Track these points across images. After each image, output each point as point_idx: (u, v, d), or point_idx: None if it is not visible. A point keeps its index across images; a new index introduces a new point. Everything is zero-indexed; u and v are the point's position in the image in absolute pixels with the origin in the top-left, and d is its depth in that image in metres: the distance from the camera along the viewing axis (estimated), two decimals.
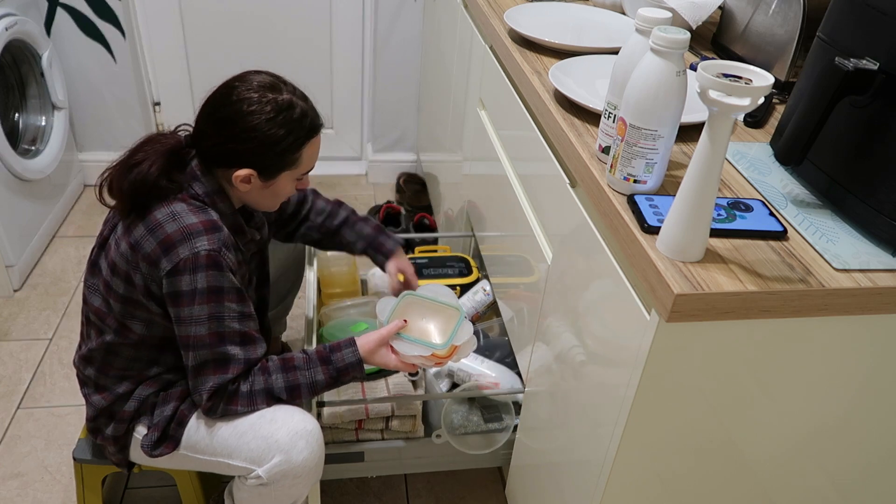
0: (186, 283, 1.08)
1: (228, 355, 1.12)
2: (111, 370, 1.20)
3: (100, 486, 1.42)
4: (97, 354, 1.20)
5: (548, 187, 1.13)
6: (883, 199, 0.79)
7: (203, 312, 1.09)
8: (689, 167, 0.72)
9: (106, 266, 1.15)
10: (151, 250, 1.08)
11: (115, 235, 1.15)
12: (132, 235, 1.10)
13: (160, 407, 1.21)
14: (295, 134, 1.12)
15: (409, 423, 1.37)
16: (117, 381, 1.21)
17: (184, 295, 1.08)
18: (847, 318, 0.78)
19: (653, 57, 0.78)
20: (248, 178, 1.12)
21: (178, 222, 1.08)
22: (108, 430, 1.23)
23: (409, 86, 2.63)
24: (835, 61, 0.79)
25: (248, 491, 1.19)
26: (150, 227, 1.09)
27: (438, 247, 1.90)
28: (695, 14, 1.29)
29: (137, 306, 1.14)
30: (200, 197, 1.13)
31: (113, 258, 1.13)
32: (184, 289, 1.08)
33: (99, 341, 1.19)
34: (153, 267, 1.09)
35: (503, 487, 1.61)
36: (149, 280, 1.10)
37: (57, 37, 2.35)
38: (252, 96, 1.09)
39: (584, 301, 0.98)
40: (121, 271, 1.12)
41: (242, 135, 1.09)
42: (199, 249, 1.07)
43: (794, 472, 0.95)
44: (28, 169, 2.11)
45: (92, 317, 1.20)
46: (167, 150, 1.12)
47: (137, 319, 1.16)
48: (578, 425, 1.02)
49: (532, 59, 1.25)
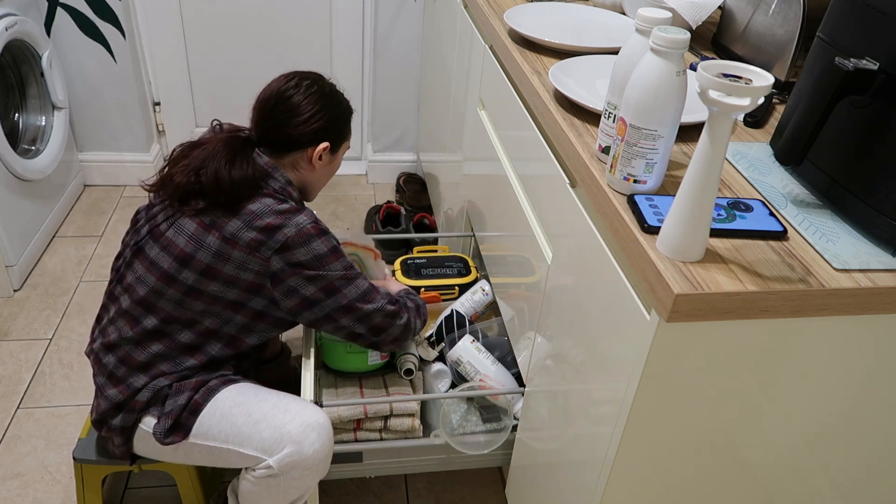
0: (303, 253, 1.19)
1: (370, 281, 1.29)
2: (135, 362, 1.22)
3: (100, 486, 1.42)
4: (125, 344, 1.23)
5: (548, 187, 1.13)
6: (883, 199, 0.79)
7: (338, 268, 1.23)
8: (689, 167, 0.72)
9: (171, 260, 1.19)
10: (252, 238, 1.17)
11: (182, 231, 1.20)
12: (224, 230, 1.18)
13: (173, 397, 1.22)
14: (347, 109, 1.38)
15: (408, 422, 1.37)
16: (137, 373, 1.23)
17: (305, 263, 1.19)
18: (847, 318, 0.78)
19: (653, 57, 0.78)
20: (321, 154, 1.31)
21: (273, 211, 1.19)
22: (116, 421, 1.24)
23: (409, 86, 2.63)
24: (835, 61, 0.79)
25: (255, 483, 1.20)
26: (248, 220, 1.18)
27: (437, 247, 1.90)
28: (695, 14, 1.30)
29: (200, 295, 1.20)
30: (279, 191, 1.25)
31: (187, 251, 1.19)
32: (303, 259, 1.19)
33: (136, 329, 1.22)
34: (253, 253, 1.17)
35: (503, 487, 1.61)
36: (242, 269, 1.18)
37: (57, 37, 2.35)
38: (309, 84, 1.30)
39: (584, 301, 0.98)
40: (198, 264, 1.18)
41: (315, 115, 1.28)
42: (303, 224, 1.20)
43: (795, 472, 0.95)
44: (28, 169, 2.11)
45: (129, 304, 1.23)
46: (244, 145, 1.25)
47: (190, 310, 1.21)
48: (578, 425, 1.02)
49: (532, 59, 1.25)
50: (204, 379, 1.24)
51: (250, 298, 1.22)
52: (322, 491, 1.59)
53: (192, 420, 1.21)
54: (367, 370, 1.43)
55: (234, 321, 1.24)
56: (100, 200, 2.57)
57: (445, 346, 1.51)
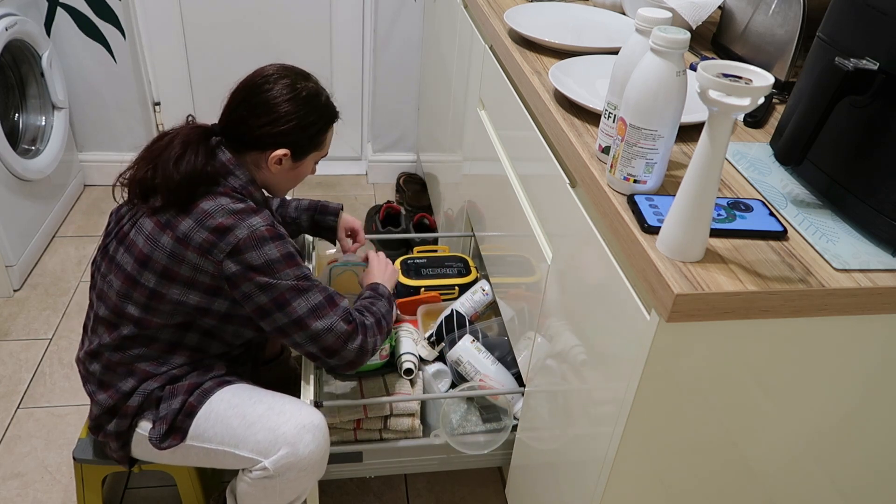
0: (256, 257, 1.13)
1: (329, 292, 1.20)
2: (119, 367, 1.21)
3: (100, 486, 1.42)
4: (105, 350, 1.21)
5: (548, 187, 1.13)
6: (883, 199, 0.79)
7: (290, 276, 1.15)
8: (689, 167, 0.72)
9: (132, 261, 1.16)
10: (204, 239, 1.12)
11: (141, 231, 1.16)
12: (177, 230, 1.13)
13: (167, 401, 1.21)
14: (324, 118, 1.25)
15: (408, 422, 1.37)
16: (123, 377, 1.22)
17: (258, 268, 1.13)
18: (847, 318, 0.78)
19: (653, 57, 0.78)
20: (280, 160, 1.21)
21: (227, 210, 1.14)
22: (111, 427, 1.23)
23: (409, 86, 2.63)
24: (835, 61, 0.79)
25: (252, 485, 1.19)
26: (199, 218, 1.13)
27: (437, 247, 1.90)
28: (695, 14, 1.29)
29: (165, 298, 1.16)
30: (238, 190, 1.19)
31: (146, 253, 1.15)
32: (255, 263, 1.13)
33: (113, 336, 1.20)
34: (206, 254, 1.12)
35: (503, 487, 1.61)
36: (199, 269, 1.14)
37: (57, 37, 2.35)
38: (287, 83, 1.21)
39: (583, 301, 0.98)
40: (156, 265, 1.15)
41: (283, 117, 1.19)
42: (256, 227, 1.14)
43: (795, 472, 0.95)
44: (28, 169, 2.11)
45: (104, 311, 1.21)
46: (201, 139, 1.19)
47: (159, 312, 1.18)
48: (578, 425, 1.02)
49: (532, 59, 1.25)
50: (197, 381, 1.23)
51: (213, 301, 1.18)
52: (322, 491, 1.59)
53: (187, 423, 1.21)
54: (367, 370, 1.43)
55: (202, 323, 1.21)
56: (100, 200, 2.57)
57: (445, 346, 1.51)
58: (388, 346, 1.45)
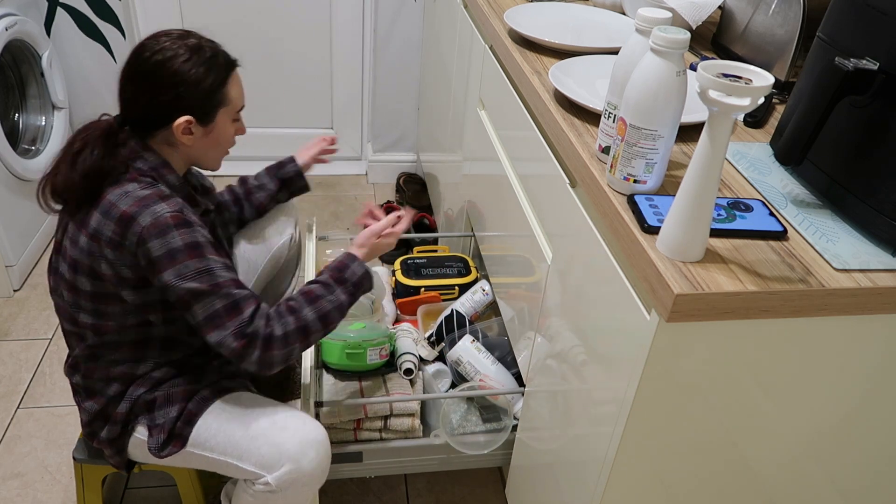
0: (158, 247, 1.06)
1: (234, 296, 1.09)
2: (96, 373, 1.21)
3: (100, 486, 1.42)
4: (81, 361, 1.22)
5: (548, 187, 1.13)
6: (883, 199, 0.79)
7: (190, 269, 1.07)
8: (689, 167, 0.72)
9: (67, 268, 1.14)
10: (112, 232, 1.07)
11: (67, 235, 1.14)
12: (89, 226, 1.09)
13: (164, 408, 1.20)
14: (215, 72, 1.15)
15: (408, 422, 1.37)
16: (105, 383, 1.21)
17: (162, 259, 1.06)
18: (847, 318, 0.78)
19: (653, 57, 0.78)
20: (188, 128, 1.14)
21: (132, 197, 1.08)
22: (104, 434, 1.23)
23: (409, 86, 2.63)
24: (835, 61, 0.79)
25: (254, 497, 1.19)
26: (105, 210, 1.08)
27: (437, 247, 1.90)
28: (695, 14, 1.29)
29: (108, 300, 1.14)
30: (147, 173, 1.13)
31: (73, 257, 1.12)
32: (157, 253, 1.06)
33: (81, 347, 1.20)
34: (118, 248, 1.08)
35: (503, 487, 1.61)
36: (118, 266, 1.09)
37: (57, 37, 2.35)
38: (165, 45, 1.13)
39: (584, 301, 0.98)
40: (83, 267, 1.11)
41: (168, 81, 1.12)
42: (160, 213, 1.07)
43: (795, 472, 0.95)
44: (28, 169, 2.11)
45: (67, 325, 1.21)
46: (102, 133, 1.13)
47: (111, 315, 1.15)
48: (578, 425, 1.02)
49: (532, 59, 1.25)
50: (194, 388, 1.22)
51: (147, 294, 1.13)
52: (322, 491, 1.59)
53: (187, 430, 1.20)
54: (367, 370, 1.43)
55: (155, 318, 1.17)
56: None
57: (445, 346, 1.51)
58: (389, 346, 1.45)
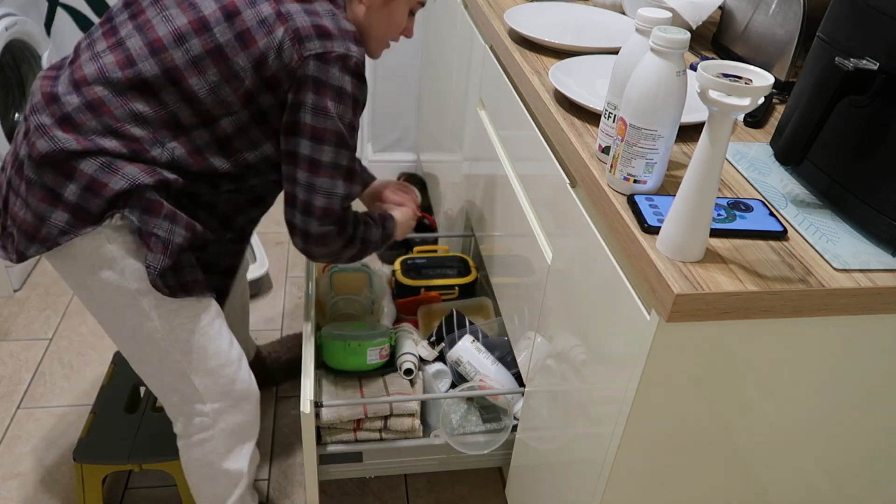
0: (334, 76, 1.05)
1: (356, 172, 1.14)
2: (108, 112, 1.03)
3: (100, 486, 1.42)
4: (106, 86, 1.03)
5: (548, 187, 1.13)
6: (883, 199, 0.79)
7: (346, 118, 1.08)
8: (689, 167, 0.72)
9: (215, 5, 1.03)
10: (303, 26, 1.03)
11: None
12: (283, 4, 1.04)
13: (167, 222, 1.06)
14: None
15: (408, 422, 1.37)
16: (108, 131, 1.03)
17: (329, 87, 1.05)
18: (847, 318, 0.78)
19: (653, 57, 0.78)
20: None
21: (336, 21, 1.06)
22: (69, 194, 1.02)
23: (409, 86, 2.63)
24: (835, 61, 0.79)
25: (199, 449, 1.27)
26: (308, 9, 1.05)
27: (437, 247, 1.90)
28: (695, 14, 1.29)
29: (222, 62, 1.03)
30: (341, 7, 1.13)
31: (237, 4, 1.03)
32: (331, 81, 1.05)
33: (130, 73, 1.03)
34: (296, 42, 1.03)
35: (503, 487, 1.61)
36: (276, 52, 1.03)
37: (57, 37, 2.35)
38: None
39: (584, 301, 0.98)
40: (239, 23, 1.02)
41: None
42: (352, 53, 1.06)
43: (794, 472, 0.95)
44: None
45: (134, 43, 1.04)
46: None
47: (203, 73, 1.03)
48: (578, 425, 1.02)
49: (532, 59, 1.25)
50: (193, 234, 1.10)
51: (262, 92, 1.06)
52: (322, 491, 1.59)
53: (179, 289, 1.09)
54: (367, 370, 1.43)
55: (232, 114, 1.07)
56: None
57: (445, 345, 1.51)
58: (389, 346, 1.45)
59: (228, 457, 1.30)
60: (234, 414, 1.26)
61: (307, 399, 1.26)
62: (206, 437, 1.26)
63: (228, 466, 1.30)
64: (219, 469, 1.30)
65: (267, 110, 1.08)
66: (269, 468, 1.66)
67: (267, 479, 1.63)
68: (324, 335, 1.44)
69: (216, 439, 1.27)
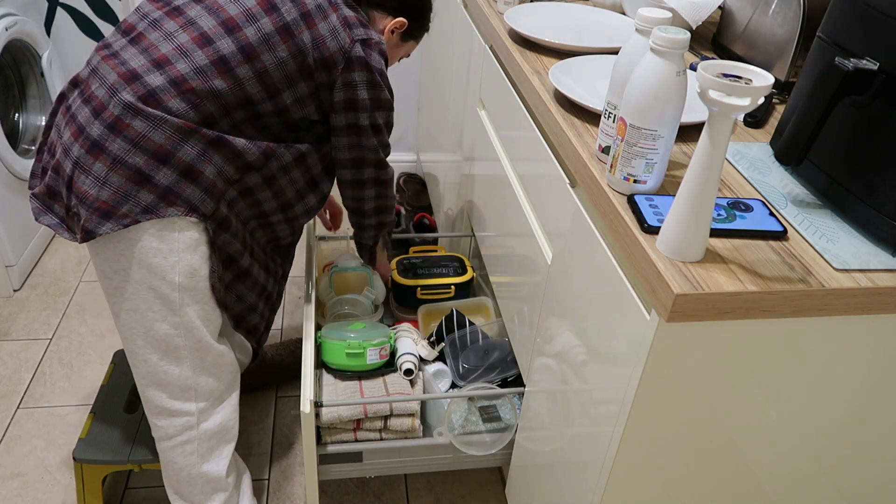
0: (376, 59, 1.20)
1: (379, 129, 1.27)
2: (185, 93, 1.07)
3: (100, 486, 1.42)
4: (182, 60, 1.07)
5: (548, 187, 1.13)
6: (883, 199, 0.79)
7: (385, 83, 1.23)
8: (689, 167, 0.72)
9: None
10: (350, 15, 1.18)
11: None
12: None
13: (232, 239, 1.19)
14: (430, 15, 1.40)
15: (408, 422, 1.37)
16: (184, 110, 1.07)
17: (374, 68, 1.19)
18: (847, 318, 0.78)
19: (653, 57, 0.78)
20: (395, 30, 1.33)
21: (368, 29, 1.21)
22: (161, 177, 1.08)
23: (409, 86, 2.63)
24: (835, 61, 0.79)
25: (174, 448, 1.28)
26: (349, 4, 1.20)
27: (434, 247, 1.90)
28: (695, 14, 1.29)
29: (288, 38, 1.12)
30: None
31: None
32: (373, 63, 1.19)
33: (210, 52, 1.08)
34: (346, 26, 1.17)
35: (503, 487, 1.61)
36: (331, 34, 1.15)
37: (57, 37, 2.35)
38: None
39: (584, 301, 0.98)
40: (302, 5, 1.13)
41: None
42: (383, 44, 1.22)
43: (794, 472, 0.95)
44: (28, 169, 2.11)
45: (209, 23, 1.09)
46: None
47: (273, 54, 1.11)
48: (578, 425, 1.02)
49: (532, 59, 1.25)
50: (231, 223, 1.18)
51: (315, 72, 1.16)
52: (322, 491, 1.59)
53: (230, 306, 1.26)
54: (367, 370, 1.43)
55: (289, 86, 1.14)
56: None
57: (445, 345, 1.51)
58: (389, 346, 1.45)
59: (209, 458, 1.31)
60: (217, 414, 1.29)
61: (307, 399, 1.26)
62: (189, 437, 1.27)
63: (208, 469, 1.30)
64: (198, 472, 1.30)
65: (317, 89, 1.19)
66: (269, 468, 1.65)
67: (267, 479, 1.63)
68: (324, 335, 1.44)
69: (198, 440, 1.28)
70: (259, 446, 1.70)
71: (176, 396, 1.23)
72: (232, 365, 1.30)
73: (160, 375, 1.21)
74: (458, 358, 1.48)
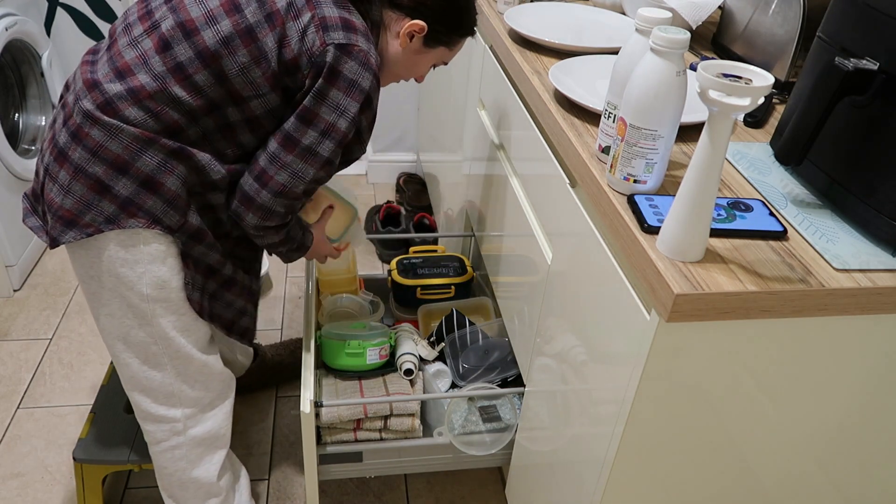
0: (351, 69, 1.03)
1: (327, 173, 1.11)
2: (142, 101, 1.03)
3: (100, 486, 1.42)
4: (133, 82, 1.02)
5: (548, 187, 1.13)
6: (883, 199, 0.79)
7: (342, 103, 1.04)
8: (689, 167, 0.72)
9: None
10: (330, 16, 1.03)
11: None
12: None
13: (208, 250, 1.13)
14: (469, 17, 1.19)
15: (408, 422, 1.37)
16: (143, 119, 1.03)
17: (343, 78, 1.03)
18: (847, 318, 0.78)
19: (653, 57, 0.78)
20: (412, 34, 1.14)
21: (359, 20, 1.07)
22: (121, 187, 1.04)
23: (409, 86, 2.64)
24: (835, 61, 0.79)
25: (168, 455, 1.27)
26: (341, 3, 1.06)
27: (434, 247, 1.90)
28: (695, 14, 1.30)
29: (251, 42, 1.02)
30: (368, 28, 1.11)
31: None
32: (346, 73, 1.03)
33: (167, 57, 1.02)
34: (320, 28, 1.02)
35: (503, 487, 1.61)
36: (300, 35, 1.02)
37: (57, 37, 2.35)
38: None
39: (584, 301, 0.98)
40: (271, 4, 1.02)
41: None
42: (372, 55, 1.05)
43: (794, 472, 0.95)
44: (28, 169, 2.11)
45: (170, 26, 1.03)
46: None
47: (233, 59, 1.02)
48: (578, 425, 1.02)
49: (532, 59, 1.25)
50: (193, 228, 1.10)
51: (285, 74, 1.04)
52: (322, 491, 1.59)
53: (218, 315, 1.21)
54: (367, 370, 1.43)
55: (261, 96, 1.05)
56: None
57: (445, 345, 1.51)
58: (389, 346, 1.45)
59: (199, 464, 1.29)
60: (206, 421, 1.27)
61: (307, 399, 1.26)
62: (177, 443, 1.26)
63: (198, 475, 1.29)
64: (188, 477, 1.29)
65: (289, 95, 1.07)
66: (269, 468, 1.66)
67: (267, 479, 1.63)
68: (324, 335, 1.44)
69: (186, 446, 1.26)
70: (259, 446, 1.70)
71: (160, 402, 1.21)
72: (221, 374, 1.27)
73: (142, 381, 1.20)
74: (458, 358, 1.48)
